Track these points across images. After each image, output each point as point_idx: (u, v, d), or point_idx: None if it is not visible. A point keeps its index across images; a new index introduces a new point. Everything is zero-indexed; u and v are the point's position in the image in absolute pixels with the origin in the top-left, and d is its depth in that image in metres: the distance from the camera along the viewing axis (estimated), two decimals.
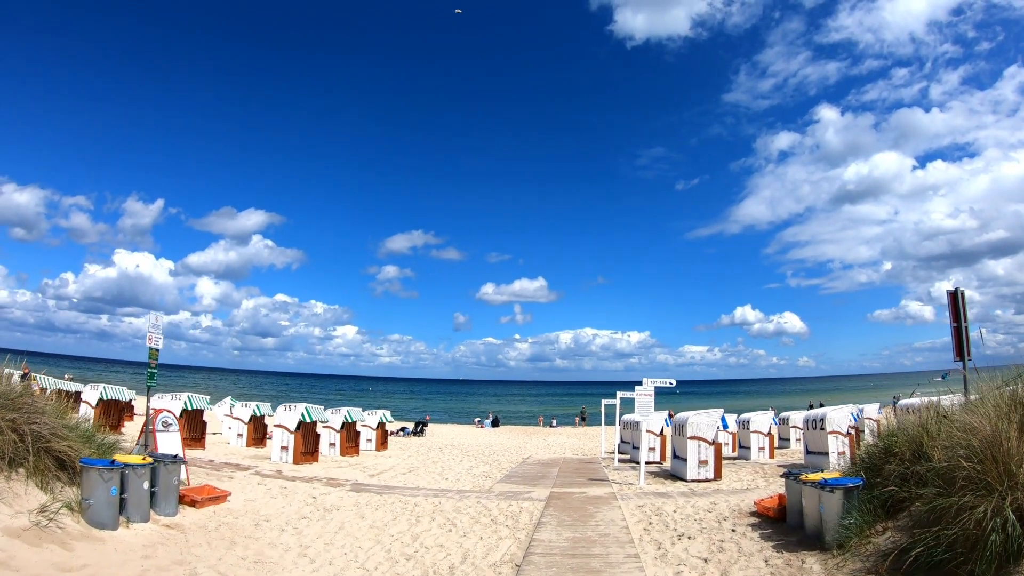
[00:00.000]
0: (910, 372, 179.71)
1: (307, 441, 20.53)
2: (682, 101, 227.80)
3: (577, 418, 58.45)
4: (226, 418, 26.02)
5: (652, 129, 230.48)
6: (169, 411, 14.32)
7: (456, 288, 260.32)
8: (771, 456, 24.18)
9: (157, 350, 13.42)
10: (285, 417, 20.40)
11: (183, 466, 13.47)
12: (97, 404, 23.83)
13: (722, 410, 18.86)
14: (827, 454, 18.92)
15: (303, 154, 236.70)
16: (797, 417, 29.56)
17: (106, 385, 24.63)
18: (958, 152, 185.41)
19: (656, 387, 16.82)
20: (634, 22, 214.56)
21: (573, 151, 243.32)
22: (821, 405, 52.53)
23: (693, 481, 17.17)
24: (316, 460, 20.78)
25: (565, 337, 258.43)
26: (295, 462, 19.83)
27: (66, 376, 59.68)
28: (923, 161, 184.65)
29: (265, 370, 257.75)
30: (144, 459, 10.43)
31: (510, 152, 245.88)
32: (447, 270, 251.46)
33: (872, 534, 8.50)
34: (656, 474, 18.89)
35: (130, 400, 28.51)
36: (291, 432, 20.10)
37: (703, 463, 17.72)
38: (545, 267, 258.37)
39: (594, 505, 13.24)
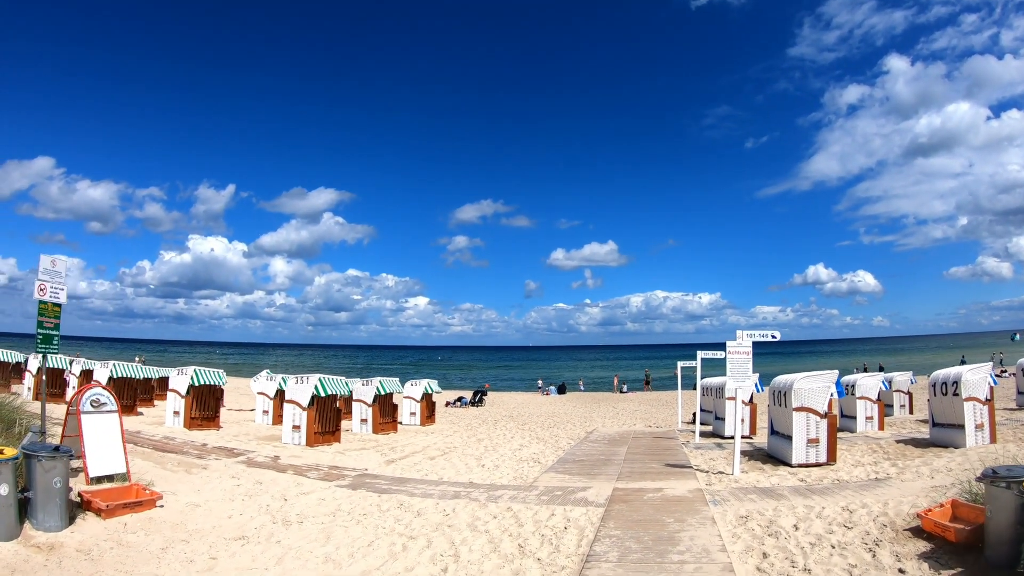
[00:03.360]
0: (987, 331, 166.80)
1: (324, 419, 16.64)
2: (746, 58, 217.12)
3: (648, 383, 54.24)
4: (259, 395, 22.59)
5: (717, 87, 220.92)
6: (103, 386, 10.53)
7: (526, 255, 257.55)
8: (881, 427, 19.09)
9: (57, 305, 9.57)
10: (296, 391, 16.55)
11: (121, 460, 10.04)
12: (108, 383, 20.64)
13: (836, 372, 13.89)
14: (962, 427, 13.82)
15: (370, 130, 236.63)
16: (902, 379, 24.36)
17: (116, 363, 21.45)
18: None
19: (755, 342, 12.02)
20: None
21: (640, 113, 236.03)
22: (881, 368, 46.43)
23: (800, 466, 12.45)
24: (337, 440, 16.92)
25: (636, 300, 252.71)
26: (308, 443, 15.99)
27: (137, 359, 58.63)
28: (997, 111, 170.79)
29: (339, 343, 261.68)
30: (2, 452, 6.77)
31: (576, 117, 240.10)
32: (517, 237, 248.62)
33: None
34: (748, 455, 14.12)
35: (160, 378, 25.38)
36: (303, 409, 16.25)
37: (813, 442, 12.87)
38: (615, 231, 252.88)
39: (675, 515, 8.67)
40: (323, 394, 16.41)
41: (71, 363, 25.16)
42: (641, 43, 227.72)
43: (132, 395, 21.46)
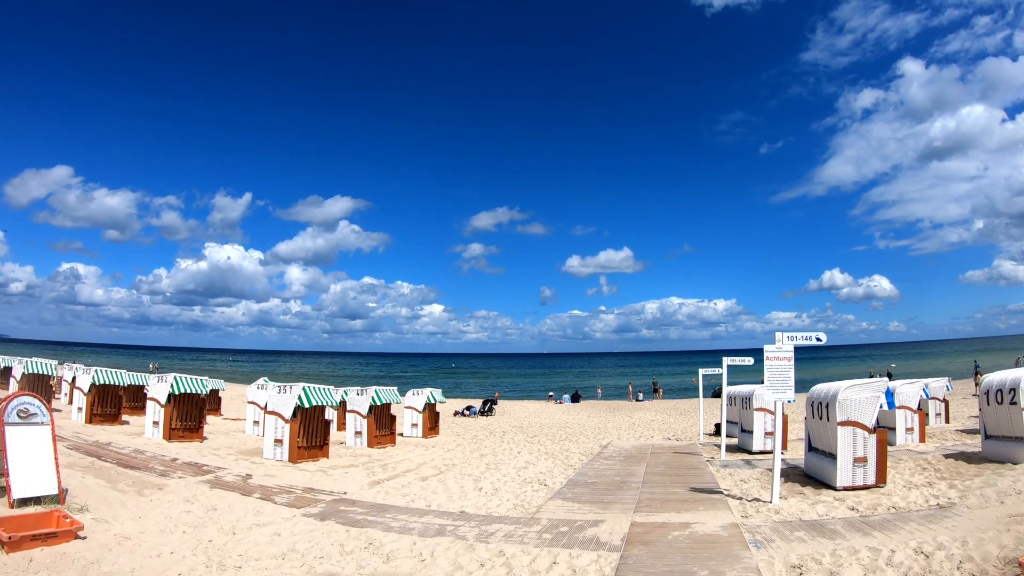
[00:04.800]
0: (1004, 336, 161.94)
1: (310, 432, 14.81)
2: (760, 63, 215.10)
3: (660, 391, 52.05)
4: (249, 404, 20.77)
5: (730, 93, 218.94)
6: (32, 395, 8.80)
7: (542, 262, 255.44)
8: (922, 439, 16.97)
9: None
10: (278, 401, 14.74)
11: (53, 480, 8.43)
12: (90, 391, 19.01)
13: (886, 380, 11.87)
14: (1020, 440, 11.93)
15: (386, 138, 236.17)
16: (937, 386, 22.22)
17: (99, 368, 19.76)
18: None
19: (797, 346, 9.97)
20: None
21: (654, 120, 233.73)
22: (889, 375, 44.07)
23: (846, 489, 10.46)
24: (324, 455, 15.08)
25: (651, 307, 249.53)
26: (291, 459, 14.17)
27: (152, 366, 57.54)
28: (1012, 112, 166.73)
29: (354, 351, 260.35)
30: None
31: (591, 124, 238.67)
32: (532, 245, 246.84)
33: None
34: (784, 474, 11.99)
35: (142, 386, 23.54)
36: (286, 421, 14.44)
37: (860, 461, 10.83)
38: (630, 237, 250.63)
39: (709, 564, 6.67)
40: (308, 405, 14.58)
41: (61, 368, 23.71)
42: (655, 50, 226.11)
43: (116, 403, 19.73)
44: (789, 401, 16.81)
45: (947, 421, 21.73)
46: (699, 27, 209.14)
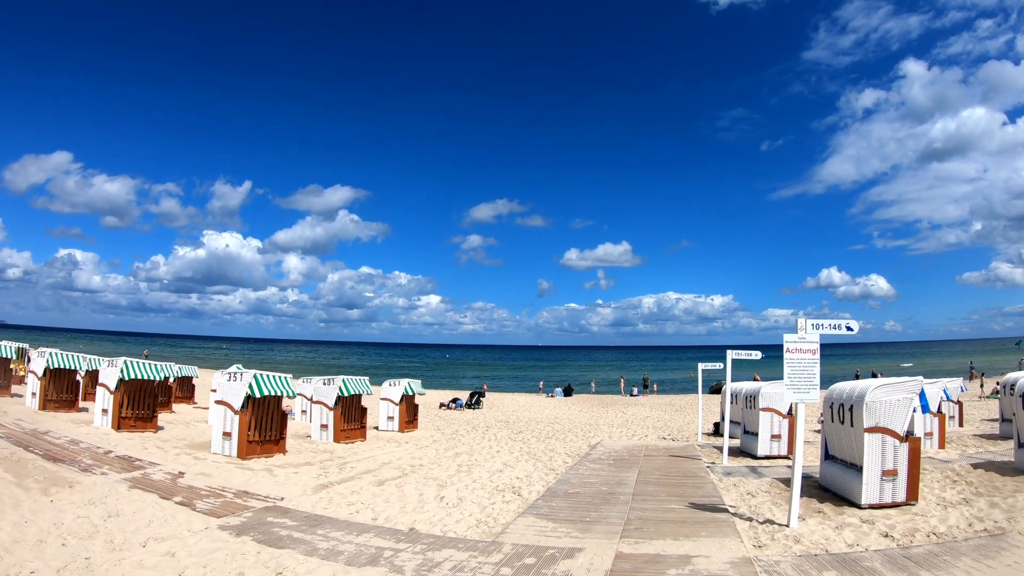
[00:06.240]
0: (999, 337, 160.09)
1: (263, 424, 13.01)
2: (762, 61, 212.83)
3: (654, 386, 50.06)
4: (212, 392, 18.95)
5: (732, 90, 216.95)
6: None
7: (540, 255, 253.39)
8: (942, 445, 15.26)
9: None
10: (228, 390, 12.91)
11: None
12: (44, 375, 17.25)
13: (919, 380, 10.08)
14: None
15: (387, 128, 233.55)
16: (952, 387, 20.59)
17: (54, 351, 17.93)
18: None
19: (823, 337, 8.12)
20: None
21: (655, 115, 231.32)
22: (874, 375, 42.55)
23: (872, 507, 8.73)
24: (280, 451, 13.30)
25: (648, 301, 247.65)
26: (240, 455, 12.39)
27: (144, 352, 55.63)
28: (1013, 116, 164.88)
29: (350, 340, 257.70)
30: None
31: (592, 118, 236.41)
32: (531, 237, 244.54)
33: None
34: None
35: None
36: (236, 412, 12.64)
37: (889, 474, 9.04)
38: (629, 231, 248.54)
39: None
40: (259, 394, 12.77)
41: (33, 352, 21.92)
42: (660, 46, 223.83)
43: (73, 388, 18.01)
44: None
45: (960, 424, 20.18)
46: (704, 24, 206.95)
